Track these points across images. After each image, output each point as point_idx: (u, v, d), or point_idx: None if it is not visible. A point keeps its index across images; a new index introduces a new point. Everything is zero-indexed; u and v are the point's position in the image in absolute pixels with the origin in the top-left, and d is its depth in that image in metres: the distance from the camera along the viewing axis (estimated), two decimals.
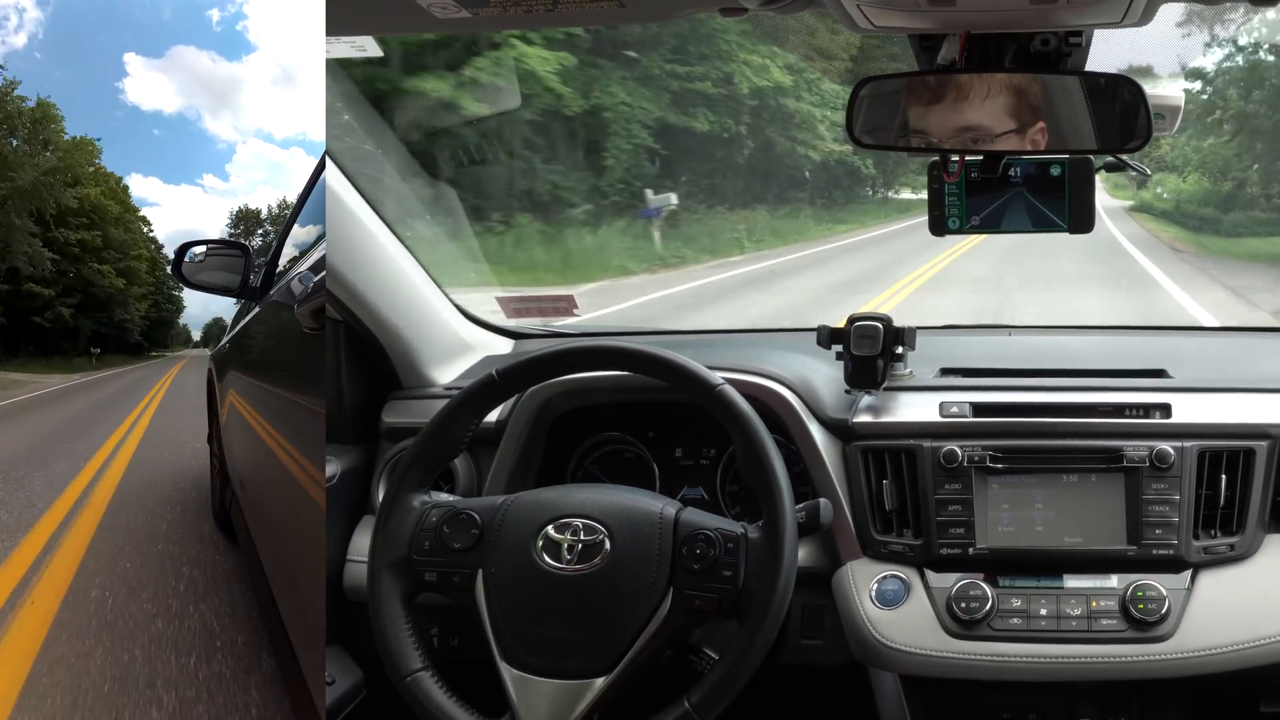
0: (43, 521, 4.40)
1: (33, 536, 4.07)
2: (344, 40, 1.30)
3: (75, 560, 3.62)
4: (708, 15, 1.04)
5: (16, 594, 3.18)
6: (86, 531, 4.15)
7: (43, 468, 6.24)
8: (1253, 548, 1.37)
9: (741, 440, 1.17)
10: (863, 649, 1.37)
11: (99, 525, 4.29)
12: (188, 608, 2.99)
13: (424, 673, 1.14)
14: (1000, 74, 1.04)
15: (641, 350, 1.25)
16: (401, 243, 1.73)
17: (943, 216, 1.20)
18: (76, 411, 12.10)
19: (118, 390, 17.93)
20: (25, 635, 2.74)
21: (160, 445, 7.47)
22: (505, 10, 1.02)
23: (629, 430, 1.71)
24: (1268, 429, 1.40)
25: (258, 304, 2.65)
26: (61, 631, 2.77)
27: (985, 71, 1.04)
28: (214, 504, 4.05)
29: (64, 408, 12.98)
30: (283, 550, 1.85)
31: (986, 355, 1.66)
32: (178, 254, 2.76)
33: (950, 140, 1.07)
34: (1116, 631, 1.30)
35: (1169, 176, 15.94)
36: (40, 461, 6.57)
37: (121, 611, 2.96)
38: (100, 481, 5.59)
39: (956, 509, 1.39)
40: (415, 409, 1.71)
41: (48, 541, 3.97)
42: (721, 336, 2.16)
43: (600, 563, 1.13)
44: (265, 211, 69.41)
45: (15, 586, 3.27)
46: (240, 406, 2.71)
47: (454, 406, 1.24)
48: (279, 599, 1.92)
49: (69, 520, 4.41)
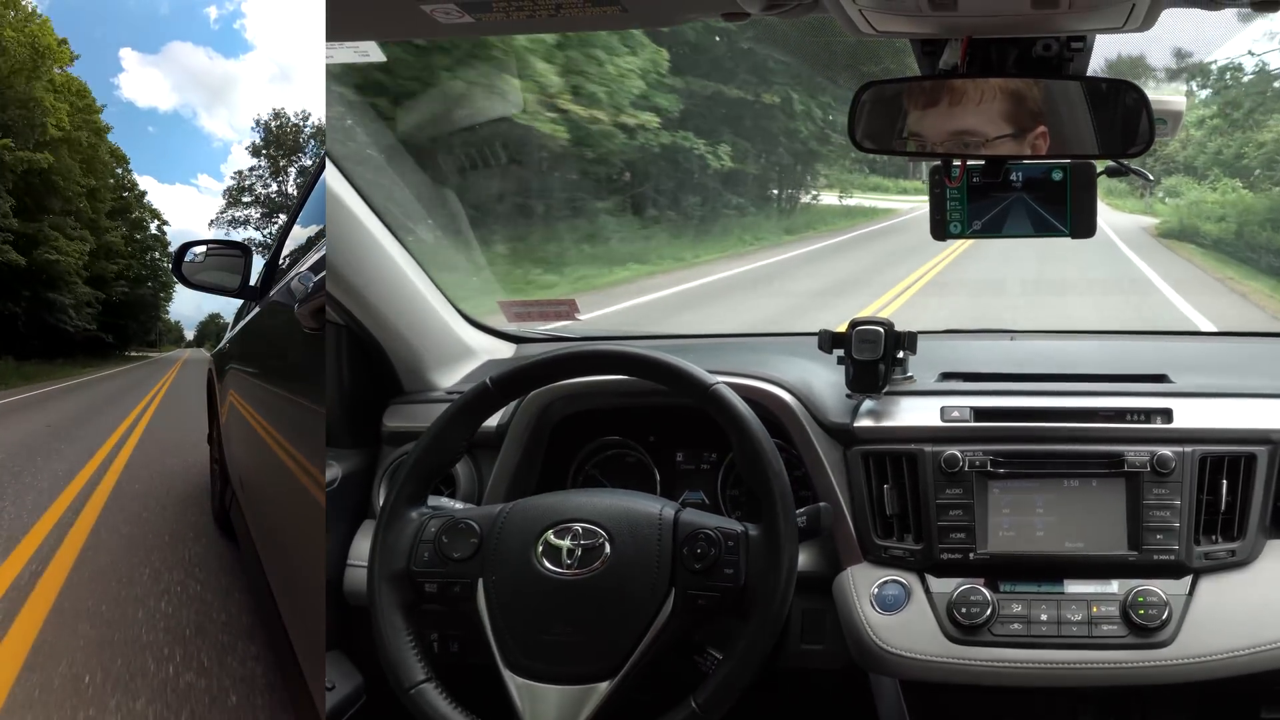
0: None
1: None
2: (346, 45, 1.30)
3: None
4: (708, 20, 1.04)
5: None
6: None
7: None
8: (1254, 553, 1.37)
9: (738, 439, 1.17)
10: (863, 654, 1.36)
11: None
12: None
13: (428, 684, 1.13)
14: (998, 79, 1.04)
15: (635, 353, 1.25)
16: (403, 246, 1.73)
17: (944, 221, 1.21)
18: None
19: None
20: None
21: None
22: (508, 15, 1.02)
23: (630, 434, 1.71)
24: (1269, 434, 1.40)
25: (258, 304, 2.65)
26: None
27: (987, 76, 1.04)
28: (214, 504, 4.05)
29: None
30: (283, 552, 1.85)
31: (988, 360, 1.66)
32: (178, 254, 2.76)
33: (945, 144, 1.07)
34: (1117, 637, 1.30)
35: (1188, 183, 12.52)
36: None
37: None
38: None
39: (957, 514, 1.39)
40: (416, 413, 1.70)
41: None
42: (722, 341, 2.16)
43: (601, 566, 1.13)
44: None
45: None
46: (240, 406, 2.71)
47: (450, 416, 1.24)
48: (279, 601, 1.91)
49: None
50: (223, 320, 67.55)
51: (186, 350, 69.72)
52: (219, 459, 3.71)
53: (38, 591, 3.23)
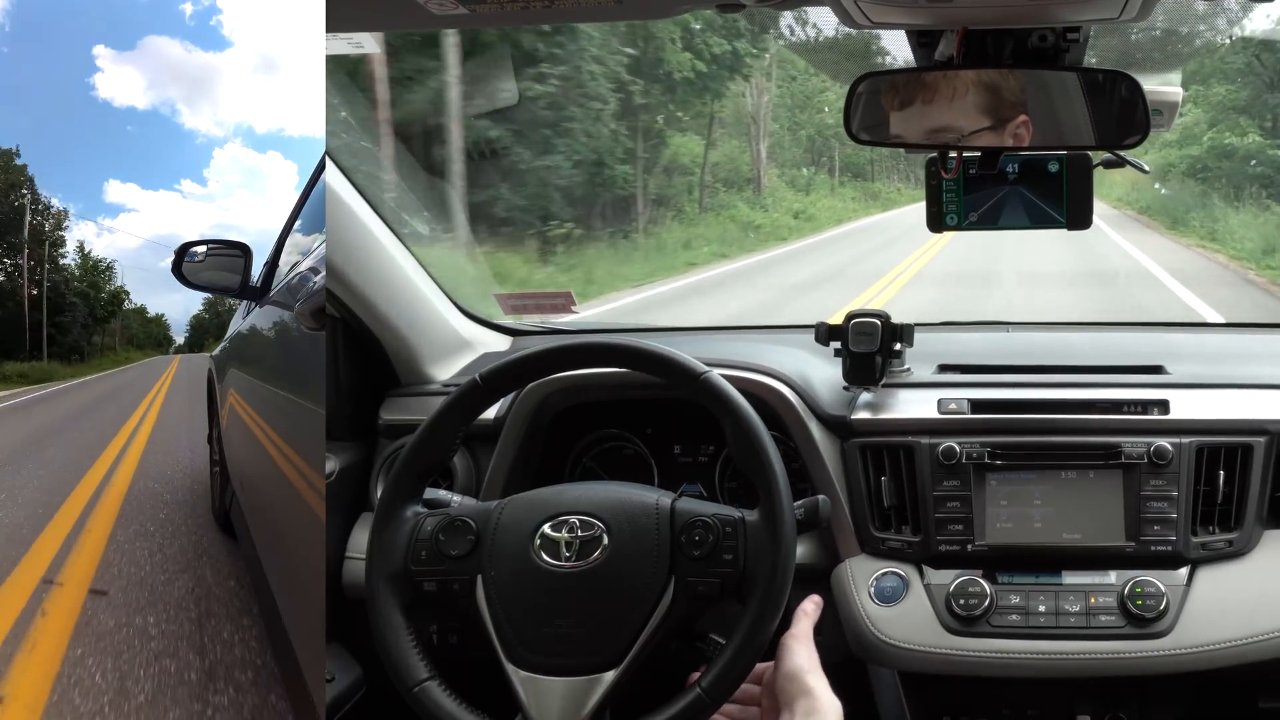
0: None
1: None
2: (341, 37, 1.29)
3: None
4: (702, 11, 1.04)
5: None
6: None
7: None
8: (1250, 544, 1.37)
9: (731, 425, 1.16)
10: (861, 646, 1.37)
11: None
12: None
13: (431, 682, 1.13)
14: (969, 72, 1.03)
15: (624, 344, 1.24)
16: (400, 240, 1.73)
17: (941, 213, 1.20)
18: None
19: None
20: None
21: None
22: (503, 7, 1.02)
23: (627, 427, 1.71)
24: (1265, 425, 1.40)
25: (258, 304, 2.65)
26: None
27: (983, 68, 1.04)
28: (214, 503, 4.05)
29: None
30: (282, 548, 1.85)
31: (985, 352, 1.66)
32: (178, 254, 2.75)
33: (925, 141, 1.07)
34: (1115, 628, 1.30)
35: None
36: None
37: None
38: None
39: (955, 506, 1.39)
40: (413, 406, 1.70)
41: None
42: (719, 333, 2.16)
43: (600, 557, 1.13)
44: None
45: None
46: (240, 406, 2.71)
47: (440, 414, 1.24)
48: (278, 596, 1.92)
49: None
50: (206, 320, 62.31)
51: (176, 357, 56.02)
52: (219, 459, 3.71)
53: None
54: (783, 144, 17.93)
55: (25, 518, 4.47)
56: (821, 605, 1.20)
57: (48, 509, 4.68)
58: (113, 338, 54.04)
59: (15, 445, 7.74)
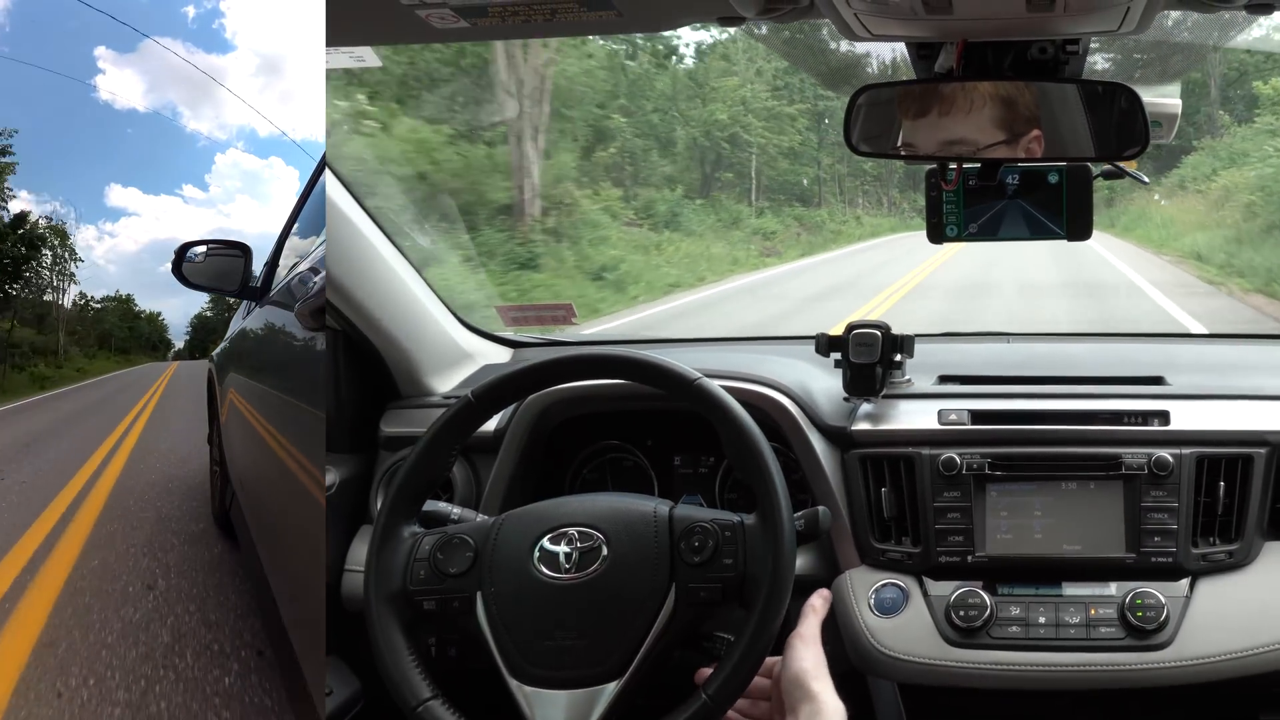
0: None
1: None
2: (342, 51, 1.30)
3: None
4: (704, 25, 1.04)
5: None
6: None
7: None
8: (1251, 555, 1.37)
9: (727, 431, 1.16)
10: (861, 657, 1.36)
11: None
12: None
13: (434, 701, 1.13)
14: (987, 85, 1.03)
15: (616, 355, 1.24)
16: (400, 251, 1.73)
17: (941, 224, 1.21)
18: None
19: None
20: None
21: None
22: (503, 20, 1.02)
23: (627, 438, 1.71)
24: (1266, 436, 1.40)
25: (258, 304, 2.65)
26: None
27: (983, 79, 1.04)
28: (214, 504, 4.05)
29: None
30: (282, 555, 1.85)
31: (985, 363, 1.66)
32: (178, 254, 2.75)
33: (938, 153, 1.07)
34: (1115, 639, 1.30)
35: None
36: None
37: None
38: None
39: (955, 517, 1.39)
40: (414, 418, 1.70)
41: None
42: (718, 345, 2.16)
43: (600, 568, 1.13)
44: None
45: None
46: (240, 407, 2.71)
47: (434, 433, 1.24)
48: (279, 605, 1.91)
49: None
50: (211, 323, 59.32)
51: (171, 364, 47.48)
52: (219, 459, 3.70)
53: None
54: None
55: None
56: (830, 600, 1.20)
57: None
58: (54, 332, 36.34)
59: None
